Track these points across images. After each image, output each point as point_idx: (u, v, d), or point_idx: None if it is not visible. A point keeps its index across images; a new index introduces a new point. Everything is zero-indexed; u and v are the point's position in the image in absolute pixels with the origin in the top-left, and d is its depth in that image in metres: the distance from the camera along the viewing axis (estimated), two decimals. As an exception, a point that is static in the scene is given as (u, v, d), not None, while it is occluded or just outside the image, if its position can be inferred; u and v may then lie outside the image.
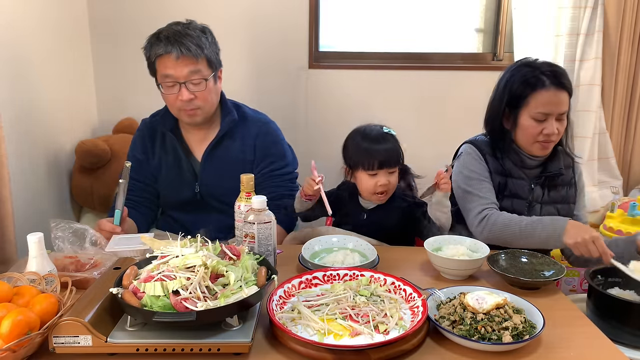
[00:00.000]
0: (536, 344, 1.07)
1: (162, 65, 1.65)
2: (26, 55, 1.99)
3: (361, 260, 1.41)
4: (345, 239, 1.54)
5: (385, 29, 2.76)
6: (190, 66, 1.63)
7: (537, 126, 1.59)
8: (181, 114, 1.71)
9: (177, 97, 1.65)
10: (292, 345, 1.03)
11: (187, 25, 1.67)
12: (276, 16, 2.58)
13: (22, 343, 0.93)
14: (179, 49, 1.61)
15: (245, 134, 1.79)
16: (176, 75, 1.63)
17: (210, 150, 1.76)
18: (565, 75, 1.61)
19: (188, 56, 1.62)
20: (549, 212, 1.67)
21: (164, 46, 1.62)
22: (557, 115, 1.59)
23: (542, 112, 1.58)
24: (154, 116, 1.85)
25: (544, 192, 1.68)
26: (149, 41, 1.68)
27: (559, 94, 1.57)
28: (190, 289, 1.00)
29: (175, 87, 1.65)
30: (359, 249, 1.50)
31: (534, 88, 1.58)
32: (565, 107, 1.60)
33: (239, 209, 1.38)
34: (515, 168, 1.68)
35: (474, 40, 2.85)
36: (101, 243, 1.42)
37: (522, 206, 1.67)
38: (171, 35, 1.63)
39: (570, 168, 1.72)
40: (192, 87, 1.65)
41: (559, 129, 1.59)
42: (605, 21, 2.52)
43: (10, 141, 1.74)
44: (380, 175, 1.60)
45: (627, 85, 2.58)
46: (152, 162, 1.81)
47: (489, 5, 2.78)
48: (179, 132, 1.81)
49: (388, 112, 2.70)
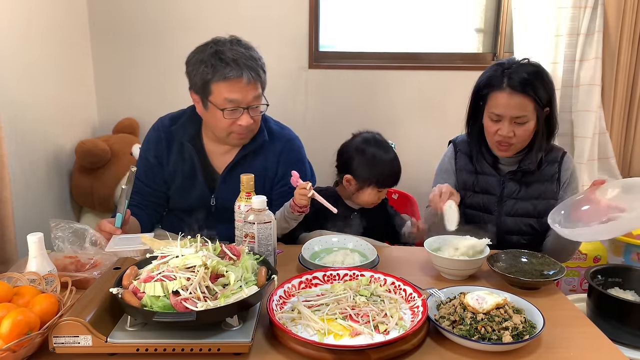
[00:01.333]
0: (536, 344, 1.07)
1: (228, 88, 1.55)
2: (26, 55, 1.99)
3: (361, 260, 1.41)
4: (345, 239, 1.54)
5: (385, 28, 2.76)
6: (255, 91, 1.58)
7: (492, 125, 1.60)
8: (232, 137, 1.65)
9: (236, 122, 1.59)
10: (292, 345, 1.03)
11: (245, 46, 1.61)
12: (276, 16, 2.58)
13: (22, 343, 0.93)
14: (250, 74, 1.55)
15: (269, 150, 1.73)
16: (242, 100, 1.57)
17: (233, 165, 1.70)
18: (532, 81, 1.55)
19: (257, 80, 1.58)
20: (524, 208, 1.66)
21: (235, 70, 1.54)
22: (512, 118, 1.56)
23: (494, 113, 1.58)
24: (173, 120, 1.75)
25: (520, 188, 1.68)
26: (206, 62, 1.56)
27: (515, 97, 1.54)
28: (190, 289, 1.00)
29: (237, 112, 1.58)
30: (359, 249, 1.50)
31: (491, 88, 1.59)
32: (521, 111, 1.55)
33: (239, 209, 1.38)
34: (487, 165, 1.70)
35: (474, 40, 2.85)
36: (101, 243, 1.42)
37: (493, 202, 1.69)
38: (238, 57, 1.55)
39: (556, 163, 1.69)
40: (252, 112, 1.60)
41: (515, 132, 1.57)
42: (605, 21, 2.52)
43: (10, 141, 1.74)
44: (384, 192, 1.72)
45: (627, 85, 2.58)
46: (166, 169, 1.74)
47: (489, 5, 2.78)
48: (200, 142, 1.74)
49: (388, 112, 2.70)
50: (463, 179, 1.74)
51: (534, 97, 1.54)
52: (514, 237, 1.67)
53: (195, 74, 1.58)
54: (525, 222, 1.66)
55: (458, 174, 1.75)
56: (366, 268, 1.31)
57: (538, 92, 1.55)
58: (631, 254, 2.37)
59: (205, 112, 1.64)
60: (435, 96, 2.70)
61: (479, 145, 1.71)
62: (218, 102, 1.58)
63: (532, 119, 1.57)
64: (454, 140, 1.81)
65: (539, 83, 1.56)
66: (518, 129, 1.57)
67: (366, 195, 1.69)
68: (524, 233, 1.67)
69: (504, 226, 1.68)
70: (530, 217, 1.66)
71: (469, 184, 1.72)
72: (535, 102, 1.55)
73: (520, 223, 1.67)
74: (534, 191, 1.67)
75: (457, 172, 1.75)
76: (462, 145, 1.78)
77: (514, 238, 1.67)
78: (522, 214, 1.66)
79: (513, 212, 1.67)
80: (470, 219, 1.68)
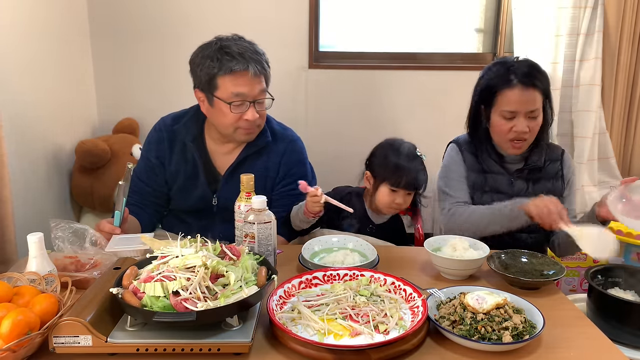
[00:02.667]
0: (536, 344, 1.07)
1: (233, 82, 1.56)
2: (26, 55, 1.99)
3: (361, 260, 1.41)
4: (345, 239, 1.54)
5: (385, 29, 2.76)
6: (261, 85, 1.59)
7: (506, 124, 1.61)
8: (238, 132, 1.64)
9: (242, 116, 1.59)
10: (292, 345, 1.03)
11: (249, 41, 1.62)
12: (276, 16, 2.58)
13: (22, 343, 0.93)
14: (255, 67, 1.55)
15: (272, 151, 1.73)
16: (248, 94, 1.57)
17: (236, 165, 1.70)
18: (536, 74, 1.60)
19: (262, 74, 1.59)
20: None
21: (240, 63, 1.54)
22: (526, 113, 1.59)
23: (508, 110, 1.60)
24: (175, 120, 1.75)
25: (528, 186, 1.69)
26: (211, 57, 1.57)
27: (527, 92, 1.58)
28: (190, 289, 1.00)
29: (243, 106, 1.59)
30: (358, 249, 1.50)
31: (501, 86, 1.60)
32: (534, 105, 1.59)
33: (239, 209, 1.38)
34: (494, 164, 1.70)
35: (474, 40, 2.85)
36: (101, 243, 1.42)
37: (503, 200, 1.67)
38: (244, 51, 1.56)
39: (558, 161, 1.72)
40: (258, 106, 1.61)
41: (530, 126, 1.60)
42: (605, 21, 2.52)
43: (10, 141, 1.74)
44: (400, 194, 1.65)
45: (627, 85, 2.58)
46: (168, 169, 1.74)
47: (489, 5, 2.78)
48: (202, 142, 1.73)
49: (388, 112, 2.70)
50: (472, 178, 1.73)
51: (542, 88, 1.60)
52: (523, 235, 1.67)
53: (201, 70, 1.59)
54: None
55: (467, 174, 1.74)
56: (366, 268, 1.31)
57: (543, 84, 1.61)
58: (631, 254, 2.37)
59: (210, 110, 1.63)
60: (435, 96, 2.70)
61: (484, 145, 1.72)
62: (225, 96, 1.58)
63: (541, 113, 1.61)
64: (456, 140, 1.80)
65: (541, 75, 1.61)
66: (531, 123, 1.60)
67: (380, 195, 1.67)
68: (532, 231, 1.67)
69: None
70: None
71: (477, 184, 1.72)
72: (542, 94, 1.60)
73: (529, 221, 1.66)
74: (542, 188, 1.68)
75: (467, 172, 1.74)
76: (465, 145, 1.77)
77: (523, 236, 1.67)
78: None
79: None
80: None
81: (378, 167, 1.69)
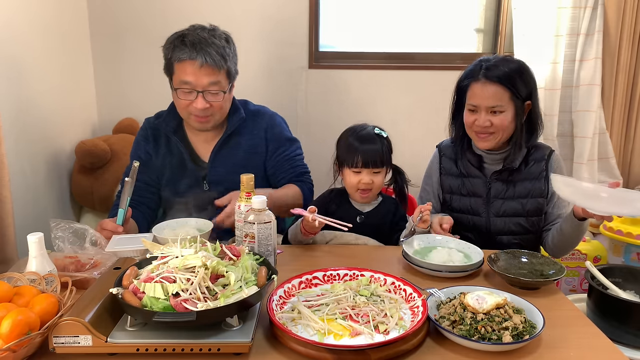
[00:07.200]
0: (536, 344, 1.07)
1: (182, 70, 1.62)
2: (26, 55, 1.99)
3: (463, 261, 1.43)
4: (447, 241, 1.55)
5: (385, 29, 2.76)
6: (212, 77, 1.62)
7: (469, 116, 1.63)
8: (191, 119, 1.70)
9: (192, 104, 1.64)
10: (292, 345, 1.03)
11: (212, 33, 1.65)
12: (276, 16, 2.58)
13: (22, 343, 0.93)
14: (204, 58, 1.59)
15: (253, 127, 1.80)
16: (195, 83, 1.62)
17: (217, 149, 1.76)
18: (504, 70, 1.56)
19: (211, 66, 1.60)
20: (512, 207, 1.66)
21: (189, 52, 1.59)
22: (487, 107, 1.58)
23: (470, 104, 1.62)
24: (158, 117, 1.83)
25: (507, 188, 1.67)
26: (172, 43, 1.64)
27: (488, 86, 1.57)
28: (190, 290, 1.00)
29: (192, 94, 1.63)
30: (461, 249, 1.51)
31: (469, 80, 1.62)
32: (496, 101, 1.56)
33: (239, 209, 1.38)
34: (472, 167, 1.71)
35: (473, 40, 2.85)
36: (101, 243, 1.42)
37: (480, 203, 1.70)
38: (197, 41, 1.60)
39: (542, 162, 1.67)
40: (209, 96, 1.64)
41: (492, 121, 1.58)
42: (605, 21, 2.52)
43: (10, 141, 1.74)
44: (364, 173, 1.62)
45: (627, 85, 2.58)
46: (156, 163, 1.80)
47: (489, 5, 2.78)
48: (183, 134, 1.80)
49: (388, 112, 2.70)
50: (449, 182, 1.75)
51: (509, 87, 1.56)
52: (505, 238, 1.67)
53: (164, 55, 1.68)
54: (514, 222, 1.66)
55: (443, 178, 1.76)
56: (469, 269, 1.35)
57: (514, 83, 1.56)
58: (631, 254, 2.37)
59: (173, 95, 1.70)
60: (435, 96, 2.70)
61: (463, 144, 1.73)
62: (175, 83, 1.65)
63: (509, 109, 1.58)
64: (439, 144, 1.83)
65: (517, 75, 1.57)
66: (495, 118, 1.58)
67: (347, 179, 1.65)
68: (514, 233, 1.67)
69: (494, 227, 1.68)
70: (519, 216, 1.66)
71: (455, 187, 1.73)
72: (511, 92, 1.56)
73: (509, 223, 1.66)
74: (521, 190, 1.66)
75: (443, 177, 1.76)
76: (446, 149, 1.79)
77: (505, 238, 1.67)
78: (511, 213, 1.66)
79: (501, 212, 1.67)
80: (458, 222, 1.68)
81: (339, 152, 1.68)
